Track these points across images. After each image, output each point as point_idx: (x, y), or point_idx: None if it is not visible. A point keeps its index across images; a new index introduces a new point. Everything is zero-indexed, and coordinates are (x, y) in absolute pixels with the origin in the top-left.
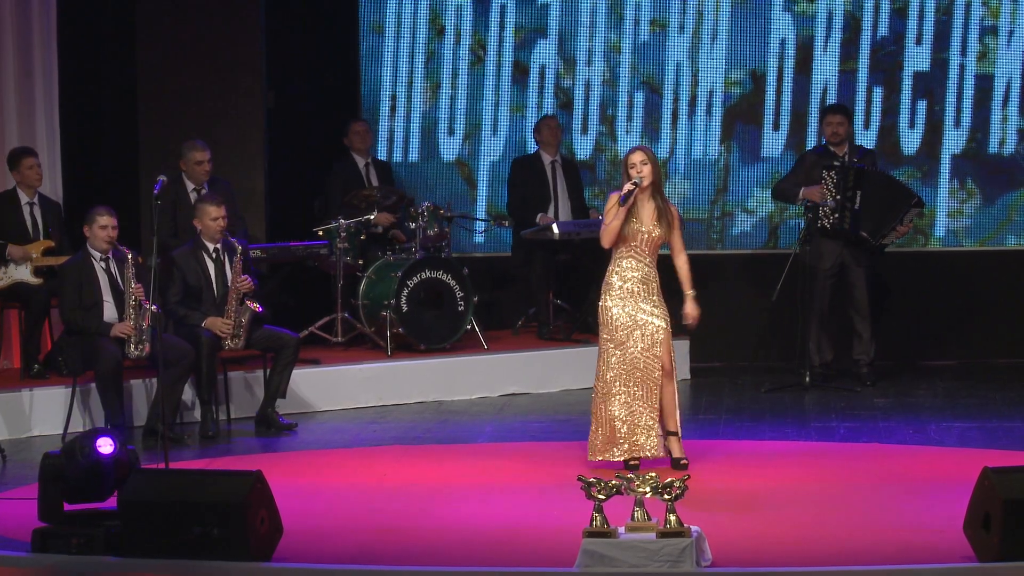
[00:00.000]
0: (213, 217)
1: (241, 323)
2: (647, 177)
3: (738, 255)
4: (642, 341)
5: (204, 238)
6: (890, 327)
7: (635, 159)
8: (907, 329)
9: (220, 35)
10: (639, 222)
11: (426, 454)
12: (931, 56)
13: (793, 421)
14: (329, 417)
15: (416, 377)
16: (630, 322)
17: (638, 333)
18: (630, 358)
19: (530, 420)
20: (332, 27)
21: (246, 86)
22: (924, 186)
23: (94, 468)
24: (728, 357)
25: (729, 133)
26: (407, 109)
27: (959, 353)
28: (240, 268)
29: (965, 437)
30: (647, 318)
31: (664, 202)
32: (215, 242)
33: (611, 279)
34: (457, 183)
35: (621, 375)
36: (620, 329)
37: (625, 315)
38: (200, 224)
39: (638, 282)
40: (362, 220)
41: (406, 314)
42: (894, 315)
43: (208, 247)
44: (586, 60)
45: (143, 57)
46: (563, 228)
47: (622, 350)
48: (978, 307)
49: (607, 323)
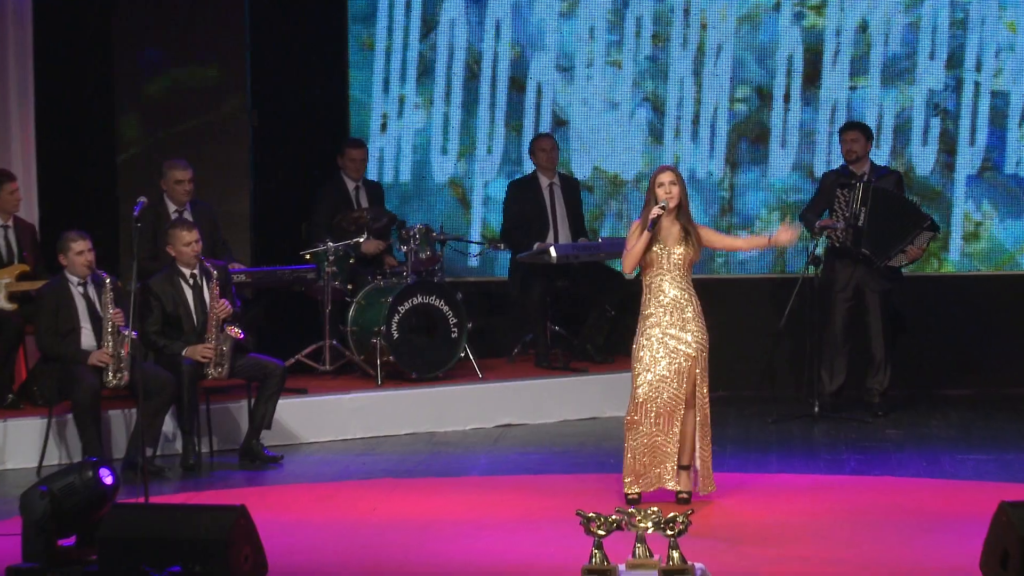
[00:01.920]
0: (186, 243)
1: (223, 350)
2: (675, 198)
3: (744, 279)
4: (668, 369)
5: (180, 264)
6: (903, 355)
7: (664, 179)
8: (920, 357)
9: (203, 52)
10: (663, 245)
11: (417, 488)
12: (945, 72)
13: (802, 453)
14: (316, 449)
15: (407, 407)
16: (659, 347)
17: (665, 361)
18: (655, 386)
19: (526, 452)
20: (320, 43)
21: (230, 104)
22: (937, 208)
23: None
24: (734, 386)
25: (734, 152)
26: (398, 127)
27: (974, 382)
28: (217, 292)
29: (981, 470)
30: (676, 344)
31: (690, 223)
32: (192, 267)
33: (646, 306)
34: (451, 204)
35: (646, 404)
36: (649, 356)
37: (656, 342)
38: (173, 250)
39: (671, 305)
40: (351, 243)
41: (397, 341)
42: (907, 342)
43: (184, 272)
44: (585, 76)
45: (122, 74)
46: (561, 252)
47: (648, 377)
48: (994, 334)
49: (637, 348)
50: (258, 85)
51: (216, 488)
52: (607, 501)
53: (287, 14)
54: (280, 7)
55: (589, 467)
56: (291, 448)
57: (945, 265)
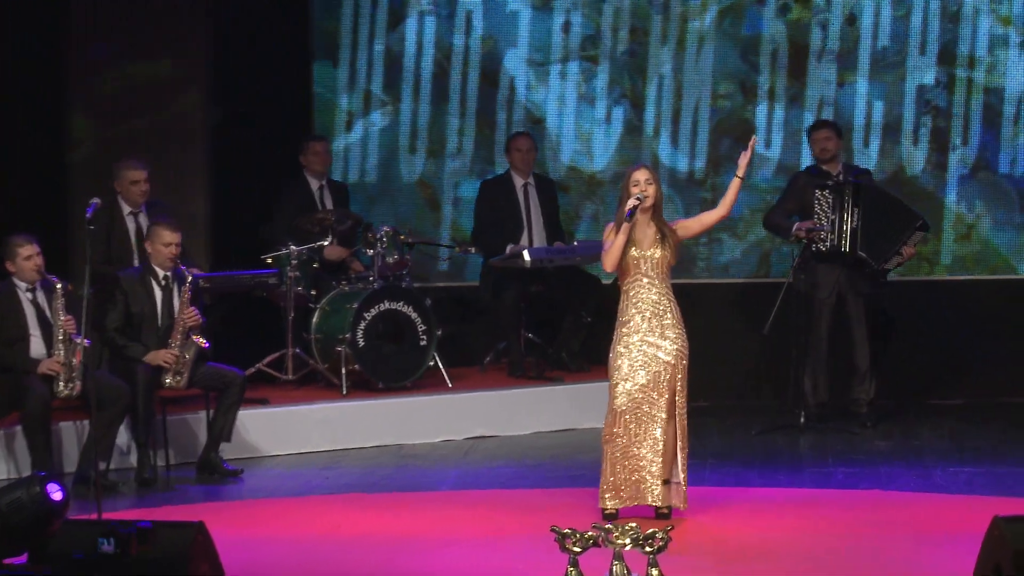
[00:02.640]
0: (166, 242)
1: (185, 359)
2: (650, 198)
3: (726, 284)
4: (645, 378)
5: (154, 263)
6: (892, 363)
7: (639, 176)
8: (910, 365)
9: (159, 45)
10: (638, 248)
11: (384, 503)
12: (936, 67)
13: (786, 466)
14: (278, 462)
15: (373, 418)
16: (638, 355)
17: (644, 370)
18: (634, 396)
19: (498, 466)
20: (282, 36)
21: (187, 100)
22: (928, 209)
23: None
24: (715, 396)
25: (716, 151)
26: (364, 125)
27: (967, 391)
28: (188, 299)
29: (973, 483)
30: (655, 352)
31: (666, 225)
32: (166, 269)
33: (623, 314)
34: (419, 205)
35: (624, 414)
36: (627, 365)
37: (634, 350)
38: (151, 248)
39: (649, 310)
40: (315, 246)
41: (363, 349)
42: (896, 350)
43: (158, 274)
44: (560, 71)
45: (75, 67)
46: (535, 256)
47: (627, 386)
48: (987, 340)
49: (616, 355)
50: (217, 80)
51: (173, 504)
52: (583, 517)
53: (247, 6)
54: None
55: (564, 481)
56: (251, 461)
57: (936, 268)
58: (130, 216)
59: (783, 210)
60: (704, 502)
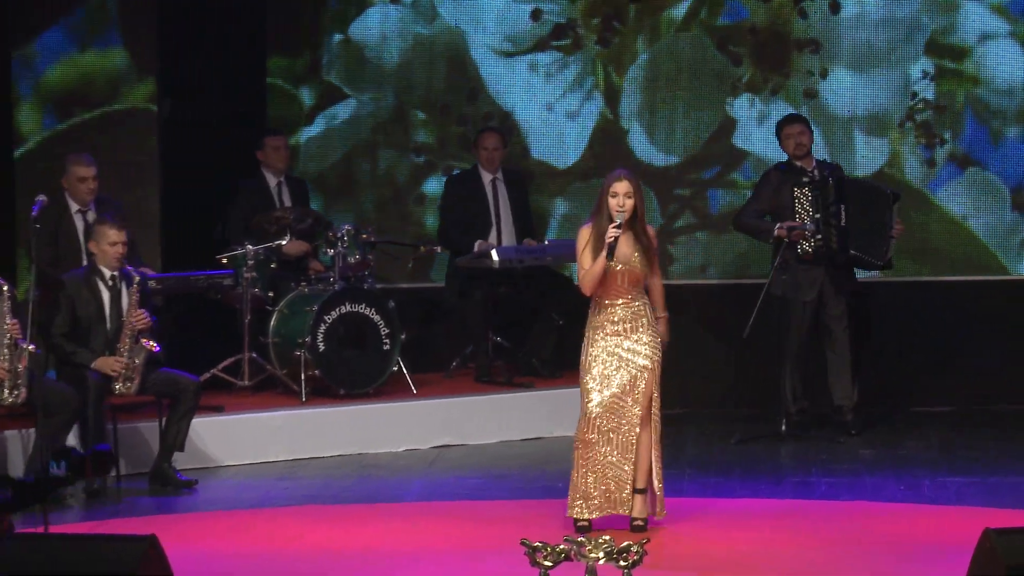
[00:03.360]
0: (112, 242)
1: (135, 364)
2: (628, 212)
3: (703, 286)
4: (620, 382)
5: (100, 264)
6: (877, 367)
7: (619, 189)
8: (896, 370)
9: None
10: (616, 261)
11: (345, 515)
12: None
13: (767, 476)
14: (234, 473)
15: (334, 426)
16: (612, 360)
17: (616, 374)
18: (608, 401)
19: (465, 476)
20: (237, 24)
21: (138, 92)
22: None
23: None
24: (693, 403)
25: (694, 146)
26: (325, 118)
27: (956, 398)
28: (137, 301)
29: (963, 494)
30: (629, 356)
31: (645, 235)
32: (113, 269)
33: (593, 319)
34: (382, 202)
35: (598, 420)
36: (600, 368)
37: (606, 353)
38: (97, 248)
39: (623, 320)
40: (272, 246)
41: (323, 354)
42: (881, 353)
43: (104, 274)
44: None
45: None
46: (504, 255)
47: (600, 392)
48: (978, 344)
49: (587, 359)
50: (168, 71)
51: (123, 516)
52: (554, 529)
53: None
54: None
55: (535, 492)
56: (206, 472)
57: (923, 268)
58: (78, 214)
59: (755, 210)
60: (682, 513)
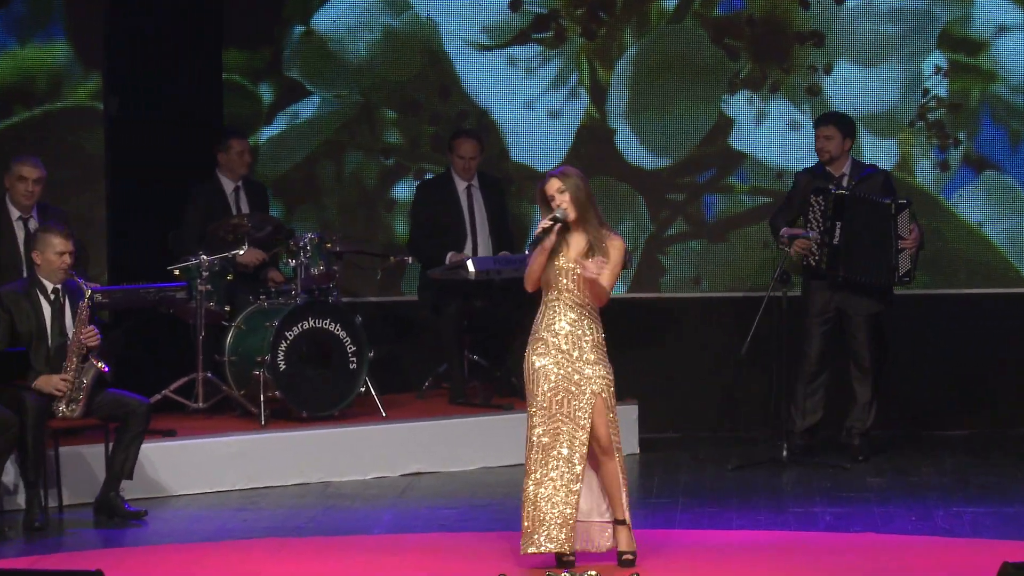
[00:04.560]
0: (58, 251)
1: (82, 384)
2: (571, 206)
3: (695, 298)
4: (567, 408)
5: (42, 275)
6: (887, 389)
7: (550, 189)
8: (908, 391)
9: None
10: (565, 259)
11: (309, 548)
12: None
13: (767, 505)
14: (187, 503)
15: (296, 452)
16: (557, 382)
17: (564, 397)
18: (553, 429)
19: (439, 506)
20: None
21: (83, 88)
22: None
23: None
24: (685, 426)
25: (687, 147)
26: (286, 117)
27: (973, 421)
28: (87, 316)
29: (979, 525)
30: (575, 377)
31: (601, 231)
32: (56, 282)
33: (537, 328)
34: (348, 209)
35: (542, 448)
36: (545, 391)
37: (552, 373)
38: (40, 258)
39: (568, 334)
40: (229, 256)
41: (284, 374)
42: (891, 372)
43: (46, 287)
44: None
45: None
46: (480, 266)
47: (545, 417)
48: (996, 363)
49: (530, 381)
50: (116, 66)
51: (67, 550)
52: (536, 564)
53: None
54: None
55: (515, 524)
56: (157, 502)
57: (937, 280)
58: (19, 221)
59: (785, 213)
60: (673, 546)
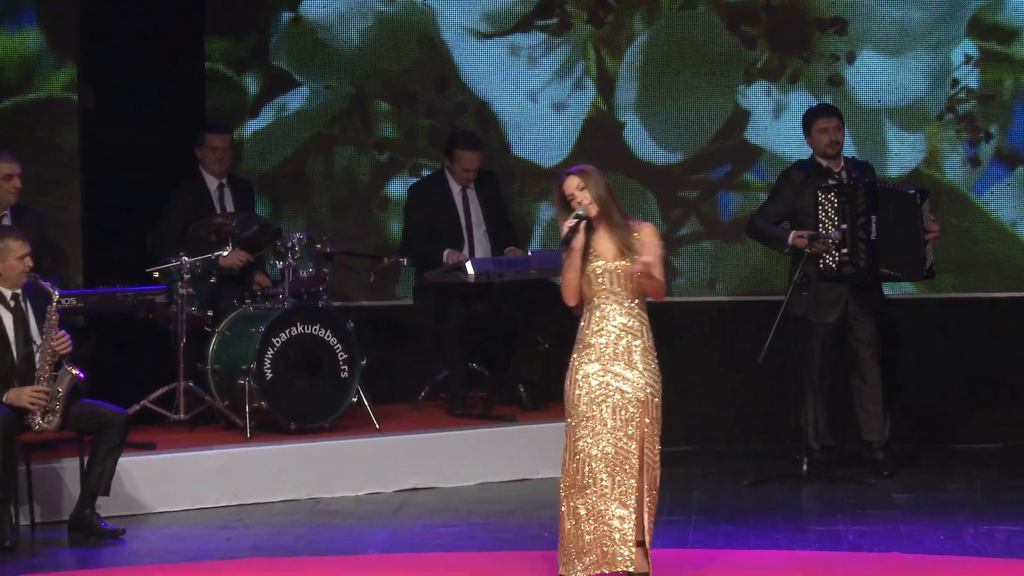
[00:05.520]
0: (20, 255)
1: (59, 393)
2: (593, 206)
3: (709, 303)
4: (612, 417)
5: (1, 284)
6: (912, 398)
7: (569, 188)
8: (935, 400)
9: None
10: (600, 258)
11: (297, 569)
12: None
13: (786, 523)
14: (168, 520)
15: (284, 467)
16: (600, 390)
17: (608, 406)
18: (597, 439)
19: (436, 524)
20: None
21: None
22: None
23: None
24: (700, 439)
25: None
26: (272, 109)
27: (1004, 433)
28: (56, 321)
29: (1013, 544)
30: (620, 385)
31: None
32: (17, 287)
33: (583, 331)
34: (340, 208)
35: (587, 462)
36: (588, 399)
37: (595, 380)
38: (2, 266)
39: (615, 336)
40: (212, 257)
41: (271, 383)
42: (917, 381)
43: (5, 295)
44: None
45: None
46: (479, 268)
47: (589, 428)
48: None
49: (573, 390)
50: (91, 55)
51: (40, 571)
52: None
53: None
54: None
55: (519, 543)
56: (135, 519)
57: (965, 284)
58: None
59: (772, 214)
60: (686, 567)
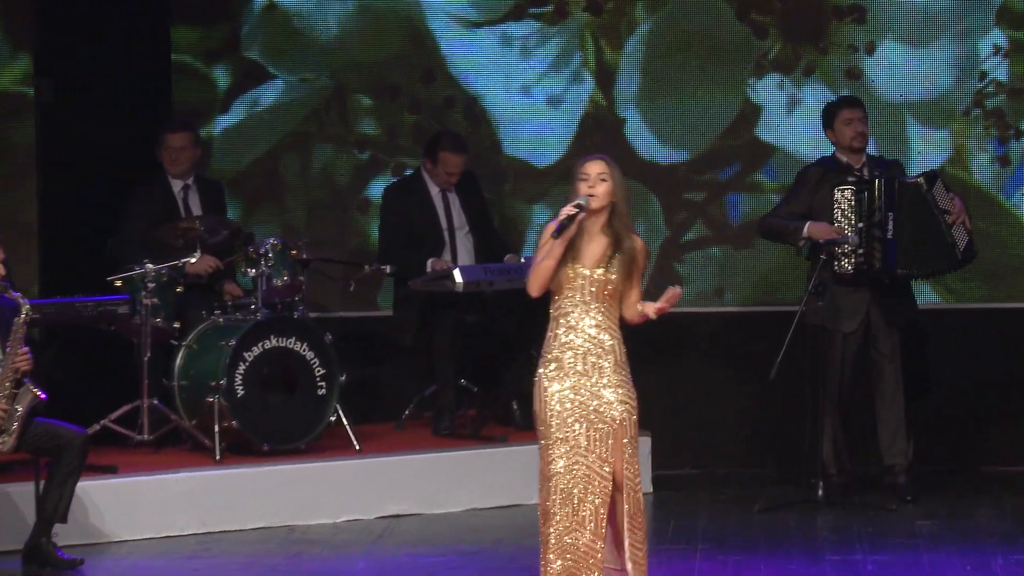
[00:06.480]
0: None
1: (16, 412)
2: (601, 198)
3: (717, 313)
4: (586, 437)
5: None
6: (937, 417)
7: (591, 170)
8: (960, 420)
9: None
10: (578, 262)
11: None
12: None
13: (800, 552)
14: (130, 549)
15: (257, 492)
16: (574, 408)
17: (582, 426)
18: (572, 461)
19: (421, 553)
20: None
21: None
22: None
23: None
24: (706, 461)
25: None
26: (243, 104)
27: None
28: (23, 336)
29: None
30: (594, 404)
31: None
32: None
33: (550, 344)
34: (317, 211)
35: (562, 485)
36: (560, 417)
37: (567, 397)
38: None
39: (584, 351)
40: (178, 264)
41: (242, 401)
42: (942, 399)
43: None
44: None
45: None
46: (468, 277)
47: (563, 449)
48: None
49: (543, 407)
50: (48, 46)
51: None
52: None
53: None
54: None
55: (509, 573)
56: (95, 548)
57: (993, 293)
58: None
59: (788, 213)
60: None
